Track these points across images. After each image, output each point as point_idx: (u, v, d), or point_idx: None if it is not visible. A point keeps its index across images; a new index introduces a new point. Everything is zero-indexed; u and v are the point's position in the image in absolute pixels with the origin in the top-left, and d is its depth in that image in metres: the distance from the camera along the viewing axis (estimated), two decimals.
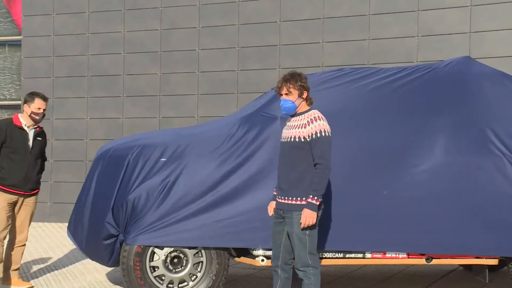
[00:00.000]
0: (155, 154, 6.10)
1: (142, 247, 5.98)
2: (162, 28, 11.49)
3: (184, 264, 6.09)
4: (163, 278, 6.07)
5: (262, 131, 6.13)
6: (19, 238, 6.88)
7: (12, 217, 6.73)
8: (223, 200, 5.94)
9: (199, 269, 6.10)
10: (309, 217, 5.02)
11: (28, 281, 7.14)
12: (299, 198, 5.11)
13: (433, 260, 6.14)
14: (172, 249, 6.04)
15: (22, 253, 6.96)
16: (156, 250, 6.03)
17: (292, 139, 5.15)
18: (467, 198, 5.89)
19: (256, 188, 5.93)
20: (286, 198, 5.18)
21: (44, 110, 6.76)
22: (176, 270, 6.08)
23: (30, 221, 6.95)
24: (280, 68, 10.50)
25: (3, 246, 6.65)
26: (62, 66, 12.06)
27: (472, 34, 9.65)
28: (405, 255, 6.11)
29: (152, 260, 6.05)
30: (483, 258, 6.10)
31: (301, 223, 5.05)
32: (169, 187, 5.94)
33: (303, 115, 5.18)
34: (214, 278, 6.06)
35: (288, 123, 5.29)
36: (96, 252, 6.35)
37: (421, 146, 6.05)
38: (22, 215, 6.83)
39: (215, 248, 6.00)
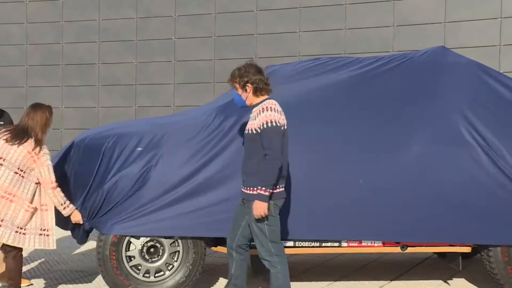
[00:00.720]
0: (131, 143, 6.07)
1: (118, 236, 5.95)
2: (138, 16, 11.45)
3: (160, 254, 6.07)
4: (140, 267, 6.05)
5: (239, 121, 6.13)
6: None
7: None
8: (200, 190, 5.93)
9: (175, 259, 6.09)
10: (259, 208, 5.06)
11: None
12: (255, 188, 5.16)
13: (408, 248, 6.20)
14: (149, 238, 6.02)
15: None
16: (132, 239, 6.02)
17: (248, 131, 5.23)
18: (441, 187, 5.96)
19: (232, 177, 5.93)
20: (245, 188, 5.28)
21: None
22: (153, 259, 6.07)
23: None
24: (257, 57, 10.51)
25: None
26: (36, 54, 11.98)
27: (447, 24, 9.73)
28: (381, 244, 6.16)
29: (128, 250, 6.03)
30: (456, 246, 6.18)
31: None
32: (145, 176, 5.92)
33: (256, 107, 5.22)
34: (190, 267, 6.05)
35: (250, 116, 5.35)
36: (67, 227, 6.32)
37: (397, 135, 6.09)
38: None
39: (192, 238, 6.01)
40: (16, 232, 5.66)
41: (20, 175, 5.64)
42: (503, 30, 9.52)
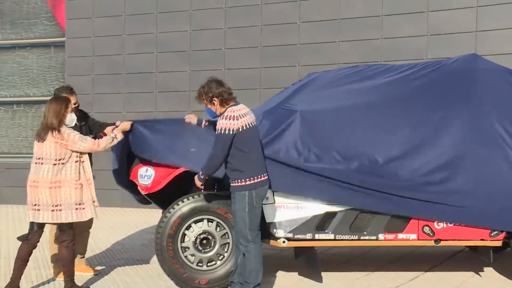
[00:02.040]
0: None
1: (174, 229, 6.01)
2: (191, 29, 11.51)
3: (212, 245, 6.11)
4: (193, 257, 6.10)
5: (283, 123, 6.13)
6: (85, 224, 6.51)
7: None
8: None
9: (226, 250, 6.12)
10: (195, 182, 5.63)
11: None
12: (234, 181, 5.49)
13: (441, 242, 6.11)
14: (201, 231, 6.07)
15: (87, 240, 6.80)
16: (186, 232, 6.07)
17: None
18: (480, 182, 5.92)
19: None
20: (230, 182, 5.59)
21: (76, 103, 6.48)
22: (205, 250, 6.11)
23: None
24: (300, 65, 10.48)
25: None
26: (101, 65, 12.14)
27: (477, 33, 9.55)
28: (415, 237, 6.09)
29: (183, 241, 6.08)
30: (487, 240, 6.06)
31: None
32: None
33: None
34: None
35: None
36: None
37: (435, 136, 6.02)
38: None
39: None
40: (76, 209, 5.80)
41: (59, 164, 5.76)
42: None
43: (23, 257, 5.90)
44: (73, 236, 5.91)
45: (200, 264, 6.10)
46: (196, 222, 6.08)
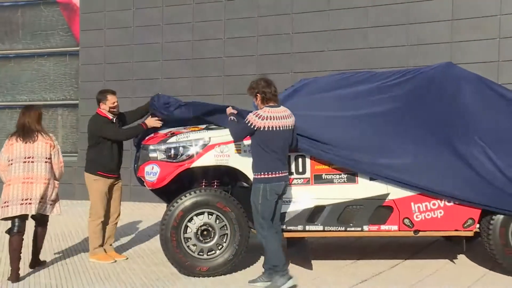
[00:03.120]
0: None
1: (177, 221, 6.03)
2: (194, 39, 11.52)
3: (212, 236, 6.13)
4: (195, 247, 6.12)
5: None
6: (113, 216, 6.85)
7: (107, 199, 6.74)
8: None
9: (224, 240, 6.14)
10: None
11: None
12: (254, 173, 5.58)
13: (420, 232, 6.14)
14: (202, 223, 6.09)
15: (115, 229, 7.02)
16: (188, 224, 6.09)
17: None
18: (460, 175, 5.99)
19: None
20: None
21: (117, 102, 6.78)
22: (205, 241, 6.13)
23: (120, 201, 6.95)
24: (292, 72, 10.50)
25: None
26: (111, 72, 12.14)
27: (452, 43, 9.59)
28: (397, 229, 6.12)
29: (186, 233, 6.10)
30: (461, 230, 6.10)
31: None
32: None
33: None
34: (237, 247, 6.10)
35: None
36: None
37: (424, 135, 6.08)
38: (116, 196, 6.84)
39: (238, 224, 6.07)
40: (51, 205, 6.18)
41: (48, 162, 6.11)
42: (501, 49, 9.34)
43: (18, 248, 6.00)
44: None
45: (201, 253, 6.12)
46: (197, 215, 6.10)
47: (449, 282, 5.88)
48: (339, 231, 6.13)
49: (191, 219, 6.09)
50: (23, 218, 6.04)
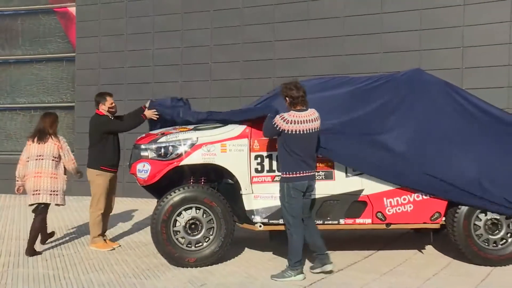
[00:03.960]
0: None
1: (167, 215, 6.01)
2: (183, 46, 11.49)
3: (199, 229, 6.12)
4: (183, 239, 6.11)
5: None
6: (110, 208, 7.08)
7: (106, 192, 6.88)
8: None
9: (211, 233, 6.13)
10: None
11: None
12: (280, 173, 5.57)
13: (391, 225, 6.18)
14: (191, 217, 6.08)
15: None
16: (177, 218, 6.07)
17: None
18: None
19: None
20: None
21: (114, 104, 6.94)
22: (193, 234, 6.12)
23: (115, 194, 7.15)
24: (274, 77, 10.51)
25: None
26: (106, 76, 12.08)
27: (421, 51, 9.67)
28: (370, 222, 6.15)
29: (175, 226, 6.08)
30: (429, 223, 6.15)
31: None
32: None
33: None
34: (223, 240, 6.10)
35: None
36: None
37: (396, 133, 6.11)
38: (113, 190, 6.99)
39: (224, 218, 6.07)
40: (58, 195, 6.68)
41: (55, 160, 6.65)
42: (464, 56, 9.46)
43: (34, 228, 6.69)
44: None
45: (189, 246, 6.10)
46: (186, 209, 6.09)
47: (418, 271, 5.93)
48: (318, 224, 6.13)
49: (180, 213, 6.07)
50: (44, 204, 6.68)
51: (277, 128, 5.43)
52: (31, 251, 6.60)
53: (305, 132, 5.41)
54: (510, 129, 6.24)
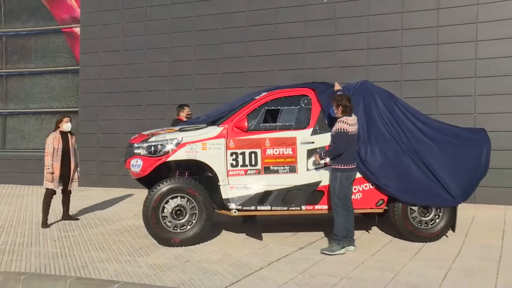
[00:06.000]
0: None
1: (156, 203, 5.90)
2: (170, 60, 11.36)
3: (184, 215, 6.03)
4: (170, 223, 6.01)
5: None
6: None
7: None
8: None
9: (194, 218, 6.05)
10: (316, 156, 5.81)
11: None
12: (334, 164, 5.62)
13: None
14: (176, 204, 5.97)
15: None
16: (165, 205, 5.96)
17: (332, 132, 5.71)
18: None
19: None
20: None
21: (190, 112, 7.75)
22: (179, 218, 6.03)
23: None
24: (247, 87, 10.45)
25: None
26: (105, 86, 11.89)
27: (368, 66, 9.72)
28: (327, 208, 6.12)
29: (163, 212, 5.98)
30: (374, 208, 6.16)
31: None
32: None
33: (338, 119, 5.64)
34: (204, 223, 6.02)
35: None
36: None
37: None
38: None
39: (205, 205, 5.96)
40: (75, 182, 7.36)
41: (73, 153, 7.27)
42: (403, 71, 9.56)
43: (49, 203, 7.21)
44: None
45: (175, 228, 6.02)
46: (172, 198, 6.00)
47: (364, 246, 5.94)
48: (283, 210, 6.11)
49: (167, 201, 5.99)
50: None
51: (347, 132, 5.52)
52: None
53: (353, 133, 5.61)
54: (443, 135, 6.23)
